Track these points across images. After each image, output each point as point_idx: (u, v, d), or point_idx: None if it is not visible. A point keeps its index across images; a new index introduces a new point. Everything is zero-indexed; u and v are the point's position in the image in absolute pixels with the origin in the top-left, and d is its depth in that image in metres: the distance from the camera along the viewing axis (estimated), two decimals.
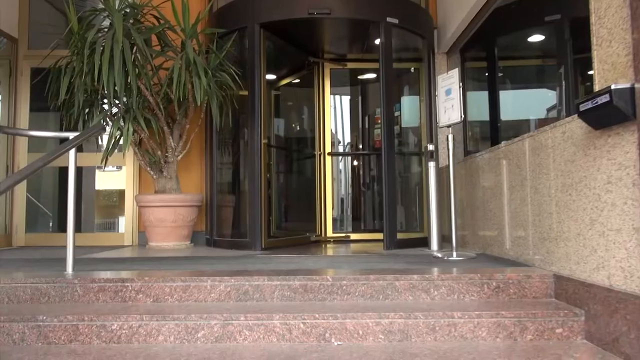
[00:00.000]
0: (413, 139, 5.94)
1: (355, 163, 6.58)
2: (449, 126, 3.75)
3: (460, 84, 3.60)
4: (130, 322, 2.33)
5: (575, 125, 2.42)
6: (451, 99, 3.69)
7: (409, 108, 6.06)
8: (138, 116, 4.16)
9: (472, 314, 2.32)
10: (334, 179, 5.60)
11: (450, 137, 3.71)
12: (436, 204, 4.22)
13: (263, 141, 4.40)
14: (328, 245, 5.07)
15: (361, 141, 6.66)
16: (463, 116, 3.58)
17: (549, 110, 4.30)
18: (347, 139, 8.76)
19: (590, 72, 2.40)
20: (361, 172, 6.60)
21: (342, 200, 6.33)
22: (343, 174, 6.27)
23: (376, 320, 2.30)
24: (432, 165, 4.22)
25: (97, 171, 6.97)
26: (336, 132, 6.89)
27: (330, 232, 5.35)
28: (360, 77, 6.53)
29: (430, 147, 4.26)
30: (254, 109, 4.39)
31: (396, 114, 6.12)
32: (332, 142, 5.53)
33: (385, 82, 4.44)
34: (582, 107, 2.12)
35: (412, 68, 5.34)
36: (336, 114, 8.27)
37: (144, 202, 4.66)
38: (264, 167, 4.37)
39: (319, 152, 5.38)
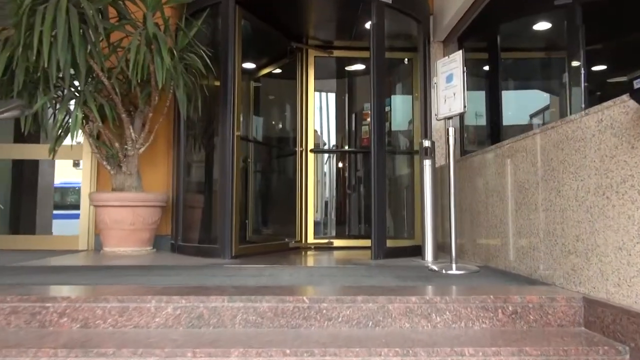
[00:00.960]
0: (404, 138, 5.45)
1: (340, 162, 6.07)
2: (449, 118, 3.24)
3: (464, 68, 3.10)
4: (40, 359, 1.77)
5: (617, 112, 1.92)
6: (452, 86, 3.19)
7: (401, 103, 5.57)
8: (89, 100, 3.57)
9: (487, 350, 1.80)
10: (317, 180, 5.07)
11: (452, 130, 3.21)
12: (432, 208, 3.71)
13: (236, 133, 3.85)
14: (308, 253, 4.54)
15: (347, 139, 6.16)
16: (466, 106, 3.08)
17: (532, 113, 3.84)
18: (332, 137, 8.26)
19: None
20: (346, 173, 6.08)
21: (325, 202, 5.80)
22: (327, 174, 5.75)
23: (365, 359, 1.77)
24: (427, 163, 3.71)
25: (57, 165, 6.34)
26: (321, 128, 6.36)
27: (311, 238, 4.82)
28: (347, 68, 6.02)
29: (426, 142, 3.75)
30: (226, 96, 3.84)
31: (386, 109, 5.62)
32: (315, 139, 5.00)
33: (376, 71, 3.93)
34: (638, 84, 1.62)
35: (406, 59, 4.85)
36: (321, 107, 7.75)
37: (98, 200, 4.07)
38: (237, 164, 3.82)
39: (300, 149, 4.85)
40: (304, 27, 4.81)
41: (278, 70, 5.55)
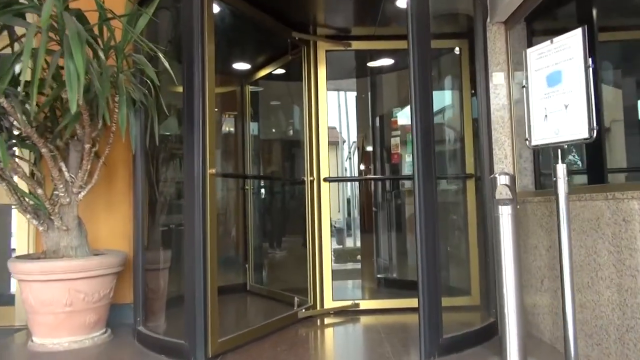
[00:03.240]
0: (449, 156, 4.10)
1: (364, 192, 4.75)
2: (556, 146, 1.89)
3: (591, 60, 1.74)
4: None
5: None
6: (562, 91, 1.83)
7: (440, 109, 4.23)
8: None
9: None
10: (333, 221, 3.75)
11: (561, 168, 1.85)
12: (515, 280, 2.35)
13: (209, 171, 2.56)
14: (327, 329, 3.24)
15: (372, 159, 4.83)
16: (597, 128, 1.72)
17: None
18: (351, 159, 6.98)
19: None
20: (375, 207, 4.75)
21: (345, 248, 4.51)
22: (346, 209, 4.43)
23: None
24: (505, 211, 2.34)
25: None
26: (336, 146, 5.04)
27: (329, 300, 3.50)
28: (370, 64, 4.67)
29: (502, 178, 2.38)
30: (191, 115, 2.54)
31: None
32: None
33: (418, 68, 2.58)
34: None
35: (457, 48, 3.50)
36: (339, 114, 6.48)
37: (18, 272, 2.83)
38: (210, 217, 2.53)
39: (310, 178, 3.53)
40: (310, 11, 3.48)
41: (281, 71, 4.25)
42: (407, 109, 4.64)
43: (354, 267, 5.94)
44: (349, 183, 6.67)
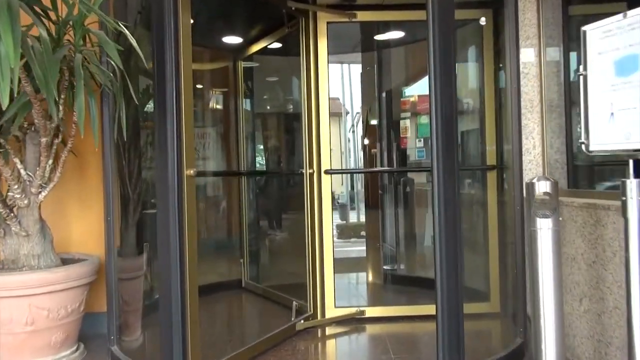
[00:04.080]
0: (465, 144, 3.67)
1: (370, 185, 4.33)
2: (627, 155, 1.45)
3: None
4: None
5: None
6: (637, 83, 1.38)
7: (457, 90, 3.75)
8: None
9: None
10: (336, 217, 3.33)
11: (634, 184, 1.42)
12: (556, 306, 1.94)
13: (185, 172, 2.13)
14: (327, 341, 2.88)
15: (379, 144, 4.38)
16: None
17: None
18: (356, 147, 6.59)
19: None
20: (383, 201, 4.33)
21: (348, 248, 4.12)
22: (351, 204, 4.01)
23: None
24: (545, 225, 1.92)
25: None
26: (339, 118, 4.57)
27: (331, 308, 3.12)
28: (378, 37, 4.17)
29: (542, 184, 1.94)
30: (163, 103, 2.10)
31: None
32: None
33: (439, 43, 2.10)
34: None
35: (482, 19, 3.01)
36: (343, 92, 6.05)
37: None
38: (189, 228, 2.12)
39: (310, 171, 3.09)
40: None
41: (278, 45, 3.77)
42: (419, 87, 4.19)
43: (359, 254, 5.59)
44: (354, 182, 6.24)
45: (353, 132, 19.92)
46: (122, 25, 2.17)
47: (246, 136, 4.32)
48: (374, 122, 5.24)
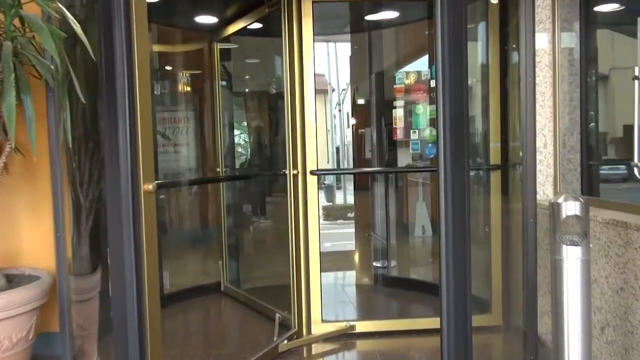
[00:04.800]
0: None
1: (362, 186, 4.01)
2: None
3: None
4: None
5: None
6: None
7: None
8: None
9: None
10: (323, 222, 3.00)
11: None
12: (583, 343, 1.65)
13: (142, 187, 1.77)
14: None
15: (370, 140, 4.04)
16: None
17: None
18: (341, 110, 6.33)
19: None
20: (377, 203, 4.01)
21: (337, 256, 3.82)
22: (341, 207, 3.69)
23: None
24: (574, 255, 1.61)
25: None
26: (325, 95, 4.19)
27: (317, 323, 2.82)
28: (369, 17, 3.79)
29: (569, 205, 1.62)
30: (113, 105, 1.71)
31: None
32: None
33: (449, 19, 1.72)
34: None
35: None
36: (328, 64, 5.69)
37: None
38: (148, 254, 1.78)
39: (294, 172, 2.74)
40: None
41: (258, 25, 3.37)
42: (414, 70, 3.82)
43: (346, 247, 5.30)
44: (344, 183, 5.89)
45: (340, 111, 19.51)
46: (61, 6, 1.76)
47: (223, 123, 3.94)
48: (361, 101, 4.89)
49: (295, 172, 2.73)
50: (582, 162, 2.57)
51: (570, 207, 1.60)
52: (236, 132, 4.58)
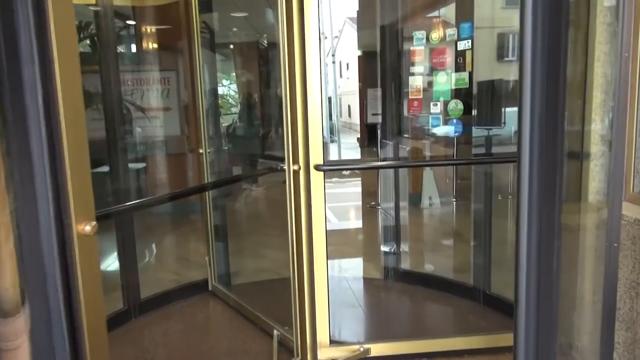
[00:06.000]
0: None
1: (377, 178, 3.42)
2: None
3: None
4: None
5: None
6: None
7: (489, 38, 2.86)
8: None
9: None
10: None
11: None
12: None
13: (77, 230, 1.19)
14: None
15: (383, 120, 3.41)
16: None
17: None
18: (335, 62, 5.70)
19: None
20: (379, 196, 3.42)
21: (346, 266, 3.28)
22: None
23: None
24: None
25: None
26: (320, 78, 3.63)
27: (325, 345, 2.33)
28: None
29: None
30: (22, 114, 1.10)
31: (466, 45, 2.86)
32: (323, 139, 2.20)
33: None
34: None
35: None
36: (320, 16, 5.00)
37: None
38: (89, 329, 1.22)
39: (294, 167, 2.16)
40: None
41: None
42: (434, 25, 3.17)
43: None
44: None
45: (333, 62, 18.52)
46: None
47: (204, 88, 3.30)
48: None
49: (295, 167, 2.15)
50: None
51: None
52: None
